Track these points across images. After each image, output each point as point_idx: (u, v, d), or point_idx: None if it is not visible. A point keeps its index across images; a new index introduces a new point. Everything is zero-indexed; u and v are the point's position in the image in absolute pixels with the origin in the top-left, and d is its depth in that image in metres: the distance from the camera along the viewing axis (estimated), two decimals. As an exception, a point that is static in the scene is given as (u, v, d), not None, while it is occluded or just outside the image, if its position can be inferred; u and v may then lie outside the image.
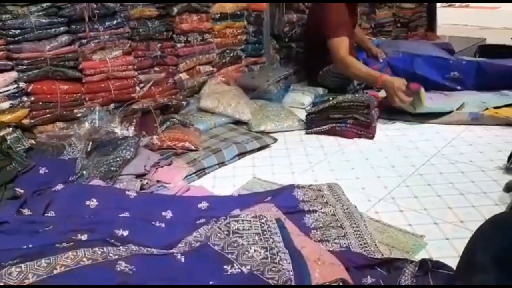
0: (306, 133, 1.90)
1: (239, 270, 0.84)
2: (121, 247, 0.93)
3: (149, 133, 1.69)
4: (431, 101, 1.98)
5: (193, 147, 1.68)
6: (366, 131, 1.83)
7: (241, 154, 1.68)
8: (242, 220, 1.01)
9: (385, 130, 1.93)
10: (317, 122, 1.89)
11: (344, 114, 1.84)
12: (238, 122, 1.97)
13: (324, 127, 1.88)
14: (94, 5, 1.73)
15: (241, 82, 2.28)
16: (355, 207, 1.23)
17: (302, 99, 2.25)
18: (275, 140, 1.84)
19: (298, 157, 1.69)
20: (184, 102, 2.00)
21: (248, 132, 1.89)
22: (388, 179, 1.47)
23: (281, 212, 1.11)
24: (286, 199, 1.22)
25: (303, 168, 1.58)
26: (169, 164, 1.56)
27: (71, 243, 0.95)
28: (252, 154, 1.70)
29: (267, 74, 2.31)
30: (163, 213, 1.20)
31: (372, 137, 1.83)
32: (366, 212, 1.25)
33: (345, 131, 1.85)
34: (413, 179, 1.46)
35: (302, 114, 2.02)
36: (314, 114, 1.90)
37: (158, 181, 1.45)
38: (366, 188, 1.41)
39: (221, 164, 1.62)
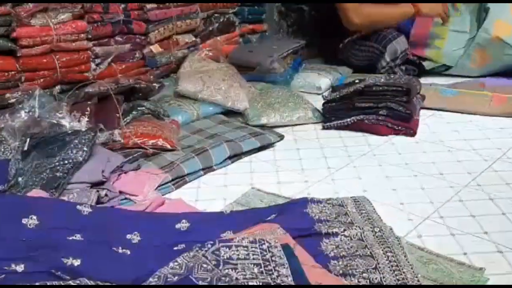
0: (324, 128, 1.96)
1: (234, 317, 0.83)
2: (70, 282, 0.93)
3: (109, 126, 1.70)
4: None
5: (168, 146, 1.69)
6: (405, 125, 1.87)
7: (235, 156, 1.72)
8: (236, 246, 1.02)
9: (430, 124, 1.98)
10: (338, 113, 1.94)
11: (376, 103, 1.89)
12: (230, 113, 2.02)
13: (348, 120, 1.92)
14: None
15: (234, 58, 2.35)
16: (391, 229, 1.25)
17: (318, 81, 2.32)
18: (281, 137, 1.88)
19: (313, 160, 1.72)
20: (156, 85, 2.01)
21: (245, 126, 1.92)
22: (436, 192, 1.51)
23: (290, 236, 1.12)
24: (297, 217, 1.23)
25: (319, 176, 1.62)
26: (136, 169, 1.58)
27: (2, 277, 0.95)
28: (250, 156, 1.75)
29: (270, 47, 2.36)
30: (128, 236, 1.20)
31: (413, 134, 1.88)
32: (406, 236, 1.28)
33: (376, 126, 1.89)
34: (469, 191, 1.49)
35: (318, 102, 2.07)
36: (334, 102, 1.94)
37: (121, 192, 1.46)
38: (406, 203, 1.45)
39: (208, 169, 1.64)
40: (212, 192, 1.54)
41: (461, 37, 2.48)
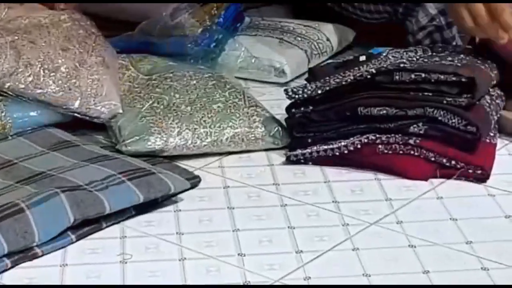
0: (290, 161, 1.42)
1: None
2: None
3: None
4: None
5: None
6: (466, 159, 1.32)
7: (91, 226, 1.28)
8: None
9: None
10: (320, 128, 1.41)
11: (401, 108, 1.34)
12: (79, 125, 1.54)
13: (341, 144, 1.37)
14: None
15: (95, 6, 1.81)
16: None
17: (279, 57, 1.72)
18: (194, 181, 1.36)
19: (264, 241, 1.22)
20: None
21: (111, 155, 1.44)
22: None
23: None
24: None
25: (283, 269, 1.14)
26: None
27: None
28: (124, 221, 1.27)
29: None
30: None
31: (484, 177, 1.32)
32: None
33: (402, 159, 1.35)
34: None
35: (280, 105, 1.59)
36: (311, 105, 1.40)
37: None
38: None
39: (27, 251, 1.23)
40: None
41: None
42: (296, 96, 1.34)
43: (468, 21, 1.40)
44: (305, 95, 1.33)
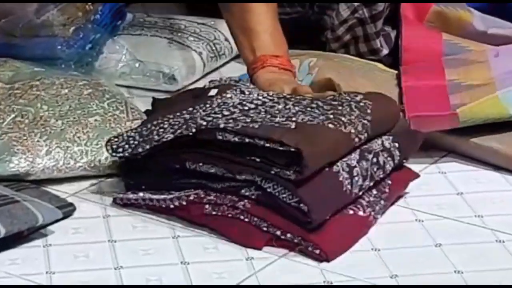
0: (115, 203, 1.30)
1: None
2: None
3: None
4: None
5: None
6: (301, 233, 1.18)
7: None
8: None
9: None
10: (151, 177, 1.30)
11: (229, 169, 1.25)
12: None
13: (168, 196, 1.28)
14: None
15: None
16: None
17: (170, 60, 1.64)
18: (69, 208, 1.24)
19: (154, 270, 1.12)
20: None
21: None
22: None
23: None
24: None
25: None
26: None
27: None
28: None
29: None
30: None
31: (322, 259, 1.17)
32: None
33: (233, 222, 1.23)
34: None
35: None
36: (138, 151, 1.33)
37: None
38: None
39: None
40: None
41: None
42: (118, 155, 1.22)
43: None
44: (127, 154, 1.20)
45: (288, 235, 1.10)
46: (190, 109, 1.26)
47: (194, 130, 1.18)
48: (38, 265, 1.04)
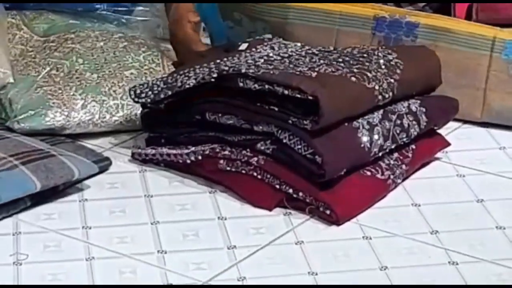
0: (133, 158, 1.30)
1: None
2: None
3: None
4: None
5: None
6: (313, 191, 1.15)
7: None
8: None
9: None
10: (171, 130, 1.30)
11: (247, 119, 1.25)
12: None
13: (184, 151, 1.26)
14: None
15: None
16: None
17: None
18: (104, 165, 1.24)
19: (189, 225, 1.13)
20: None
21: (1, 134, 1.28)
22: None
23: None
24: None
25: (212, 268, 1.04)
26: None
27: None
28: (18, 214, 1.13)
29: None
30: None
31: (334, 219, 1.14)
32: None
33: (245, 179, 1.23)
34: None
35: None
36: (156, 102, 1.32)
37: None
38: None
39: None
40: None
41: None
42: (140, 101, 1.23)
43: None
44: (149, 100, 1.22)
45: (300, 193, 1.10)
46: (218, 60, 1.26)
47: (215, 75, 1.18)
48: (74, 220, 1.05)
